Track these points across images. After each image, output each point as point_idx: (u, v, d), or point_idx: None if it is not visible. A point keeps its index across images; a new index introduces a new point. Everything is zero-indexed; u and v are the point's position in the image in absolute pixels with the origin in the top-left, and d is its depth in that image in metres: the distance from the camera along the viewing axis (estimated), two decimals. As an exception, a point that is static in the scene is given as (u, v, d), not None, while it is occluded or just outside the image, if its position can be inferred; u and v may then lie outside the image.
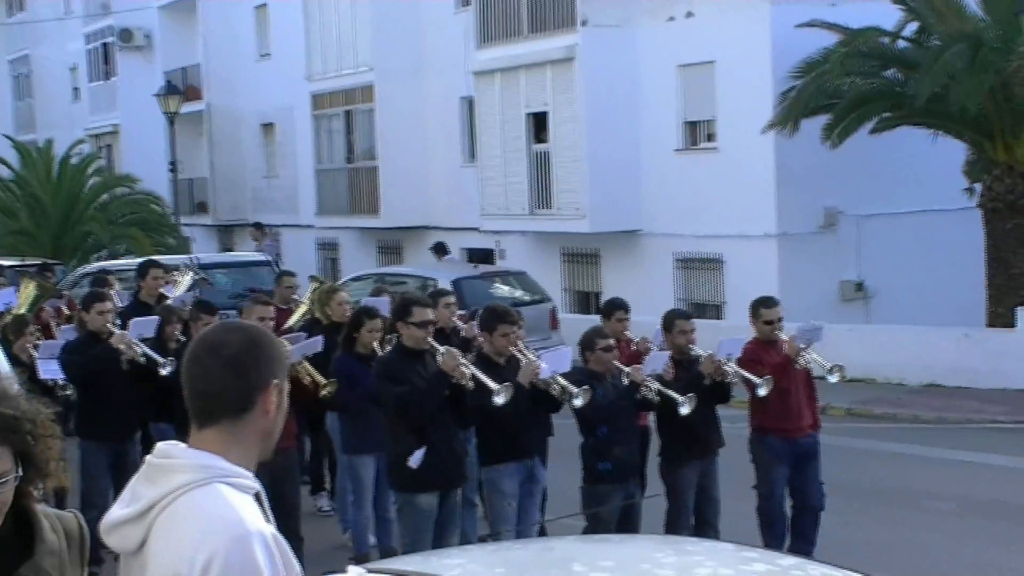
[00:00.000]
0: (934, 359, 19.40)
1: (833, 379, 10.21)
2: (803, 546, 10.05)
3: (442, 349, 8.80)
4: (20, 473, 3.12)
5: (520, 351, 9.21)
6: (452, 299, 11.56)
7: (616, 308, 10.94)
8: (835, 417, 17.20)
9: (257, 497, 3.01)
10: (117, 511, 3.05)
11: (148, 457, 3.07)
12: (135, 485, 3.06)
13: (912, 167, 21.91)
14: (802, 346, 10.02)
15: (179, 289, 14.70)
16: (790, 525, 10.20)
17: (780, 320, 10.24)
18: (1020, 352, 18.61)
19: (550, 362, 9.13)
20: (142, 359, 10.28)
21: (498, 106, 26.35)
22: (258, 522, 2.94)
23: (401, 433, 8.74)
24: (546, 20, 25.30)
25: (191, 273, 16.77)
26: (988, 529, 11.59)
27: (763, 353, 10.05)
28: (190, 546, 2.87)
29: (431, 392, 8.59)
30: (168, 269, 14.88)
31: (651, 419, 10.15)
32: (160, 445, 3.09)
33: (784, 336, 10.20)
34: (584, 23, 24.37)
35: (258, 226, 32.07)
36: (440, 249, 25.12)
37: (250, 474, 3.04)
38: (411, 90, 29.65)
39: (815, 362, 10.12)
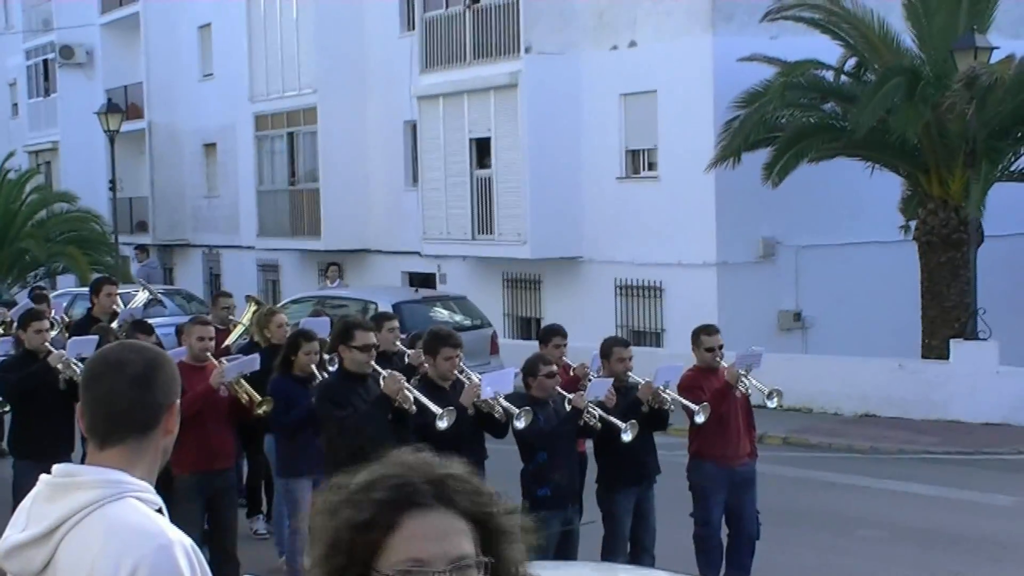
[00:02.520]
0: (869, 389, 19.62)
1: (771, 404, 10.29)
2: (738, 574, 10.13)
3: (384, 373, 8.81)
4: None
5: (462, 373, 9.24)
6: (395, 323, 11.57)
7: (553, 334, 10.97)
8: (772, 445, 17.34)
9: (159, 512, 3.03)
10: (15, 535, 3.02)
11: (46, 478, 3.06)
12: (32, 507, 3.03)
13: (850, 200, 22.19)
14: (741, 372, 10.10)
15: (133, 304, 14.64)
16: (726, 553, 10.26)
17: (721, 348, 10.33)
18: (953, 383, 18.88)
19: (492, 382, 9.15)
20: (79, 378, 10.19)
21: (441, 131, 26.41)
22: (178, 533, 2.97)
23: (340, 456, 8.71)
24: (490, 46, 25.41)
25: (147, 292, 16.71)
26: (918, 557, 11.74)
27: (703, 380, 10.12)
28: (113, 558, 2.88)
29: (373, 416, 8.59)
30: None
31: (587, 445, 10.19)
32: (59, 466, 3.07)
33: (724, 364, 10.29)
34: (528, 50, 24.50)
35: (141, 248, 31.59)
36: (333, 267, 25.04)
37: (153, 489, 3.06)
38: (354, 113, 29.66)
39: (754, 388, 10.21)
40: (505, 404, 9.04)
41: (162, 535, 2.94)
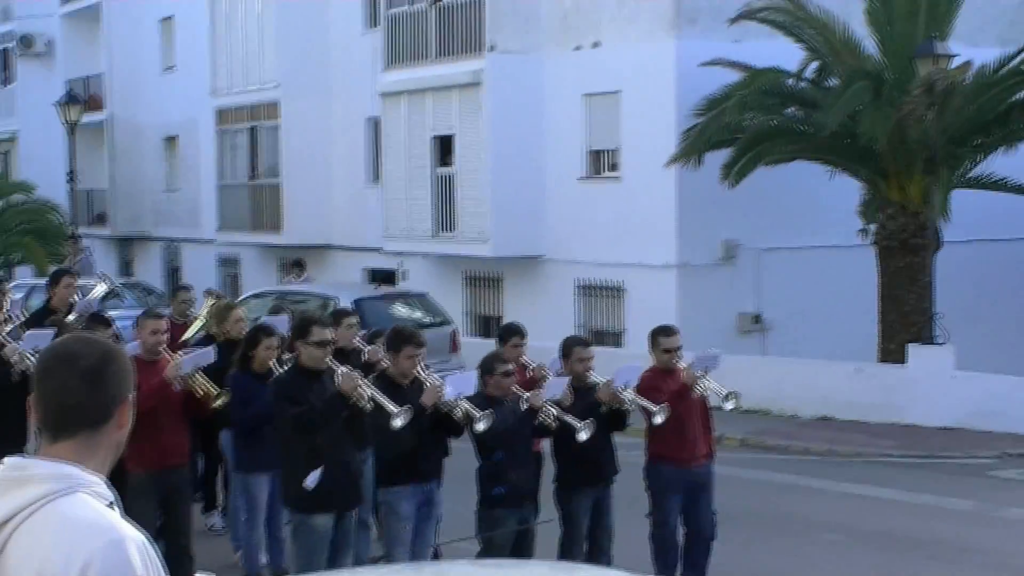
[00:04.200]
0: (827, 392, 19.72)
1: (728, 406, 10.28)
2: (694, 574, 10.14)
3: (341, 370, 8.75)
4: None
5: (422, 373, 9.20)
6: (355, 320, 11.50)
7: (512, 334, 10.89)
8: (729, 447, 17.38)
9: (111, 507, 3.00)
10: None
11: None
12: None
13: (810, 203, 22.28)
14: (699, 373, 10.10)
15: (91, 295, 14.48)
16: (682, 553, 10.27)
17: (679, 349, 10.32)
18: (910, 388, 18.99)
19: (455, 385, 9.11)
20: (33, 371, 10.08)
21: (404, 128, 26.35)
22: (131, 528, 2.94)
23: (296, 453, 8.67)
24: (454, 44, 25.37)
25: (106, 283, 16.53)
26: (874, 560, 11.79)
27: (661, 381, 10.11)
28: (64, 553, 2.84)
29: (328, 413, 8.54)
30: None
31: (544, 445, 10.18)
32: (9, 459, 3.03)
33: (682, 365, 10.29)
34: (492, 48, 24.48)
35: (73, 237, 31.00)
36: (298, 265, 24.93)
37: (105, 484, 3.03)
38: (317, 108, 29.55)
39: (711, 390, 10.21)
40: (467, 406, 9.00)
41: (114, 530, 2.90)
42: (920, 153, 19.41)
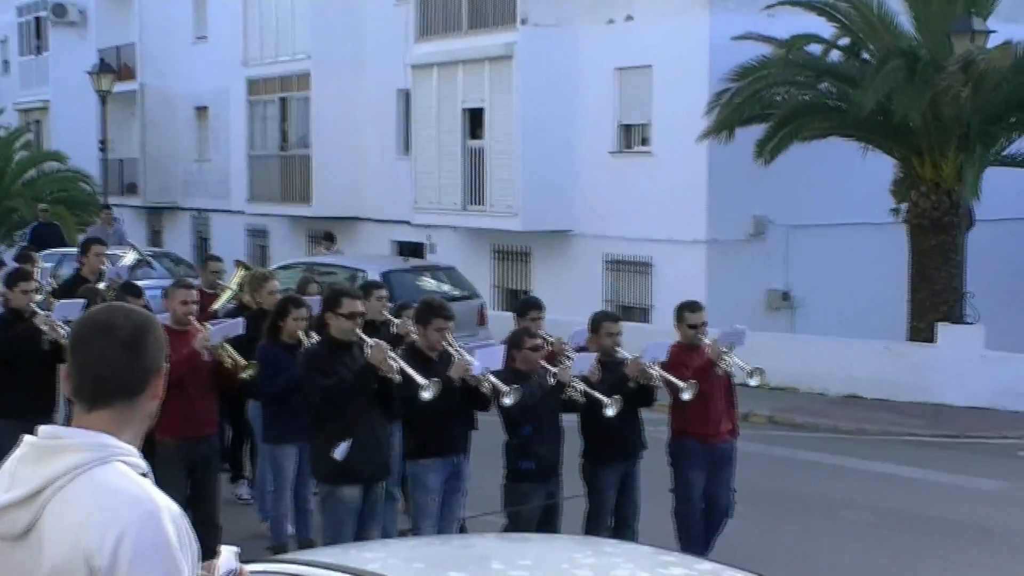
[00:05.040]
0: (856, 371, 19.64)
1: (753, 382, 10.27)
2: (702, 547, 10.11)
3: (371, 342, 8.76)
4: None
5: (452, 346, 9.21)
6: (384, 292, 11.50)
7: (531, 307, 10.79)
8: (757, 424, 17.38)
9: (145, 477, 3.00)
10: None
11: (31, 439, 3.03)
12: (16, 468, 3.00)
13: (842, 181, 22.16)
14: (724, 349, 10.10)
15: (120, 263, 14.56)
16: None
17: (704, 325, 10.31)
18: (939, 367, 18.89)
19: (482, 359, 9.12)
20: (64, 340, 10.14)
21: (434, 100, 26.31)
22: (165, 499, 2.95)
23: (325, 425, 8.69)
24: (486, 16, 25.30)
25: (135, 252, 16.61)
26: (901, 540, 11.75)
27: (685, 356, 10.11)
28: (99, 523, 2.85)
29: (358, 385, 8.55)
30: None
31: (562, 419, 10.15)
32: (45, 427, 3.04)
33: (707, 341, 10.28)
34: (524, 21, 24.39)
35: (107, 207, 31.00)
36: (328, 237, 24.94)
37: (139, 454, 3.04)
38: (348, 80, 29.52)
39: (736, 366, 10.20)
40: (495, 381, 9.00)
41: (149, 500, 2.91)
42: (954, 131, 19.26)
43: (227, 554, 3.14)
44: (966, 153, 19.05)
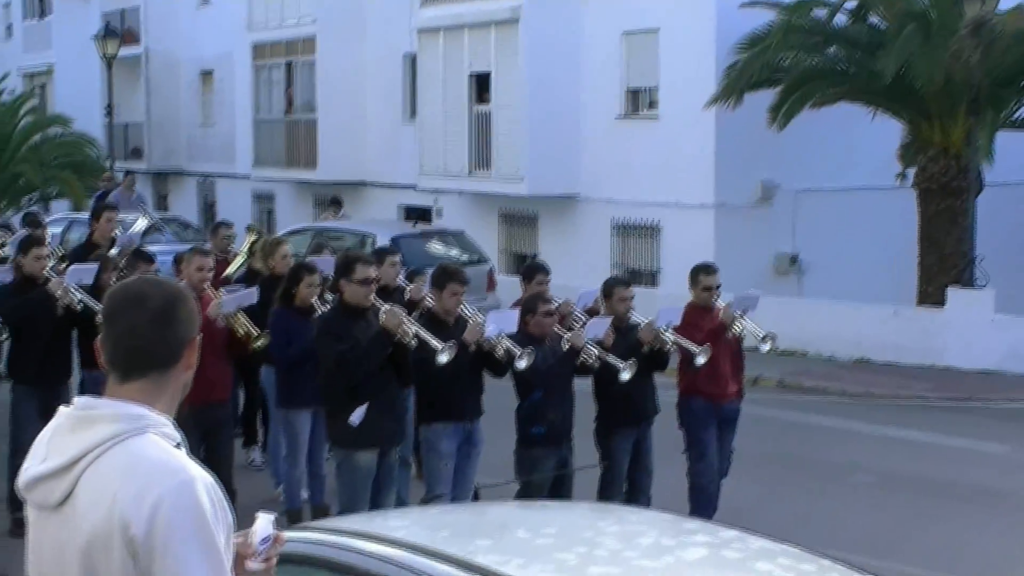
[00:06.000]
0: (864, 335, 19.65)
1: (764, 348, 10.29)
2: (706, 511, 10.13)
3: (385, 307, 8.78)
4: None
5: (467, 311, 9.25)
6: (397, 258, 11.52)
7: (536, 271, 10.81)
8: (766, 388, 17.44)
9: (178, 447, 3.03)
10: (36, 467, 3.03)
11: (66, 410, 3.07)
12: (53, 438, 3.05)
13: (850, 145, 22.12)
14: (737, 313, 10.14)
15: (132, 230, 14.57)
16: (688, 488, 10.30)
17: (718, 287, 10.36)
18: (948, 331, 18.91)
19: (496, 322, 9.15)
20: (79, 306, 10.17)
21: (440, 65, 26.23)
22: (198, 468, 2.98)
23: (340, 390, 8.71)
24: (492, -20, 25.18)
25: (147, 218, 16.60)
26: (908, 503, 11.81)
27: (699, 318, 10.15)
28: (135, 492, 2.89)
29: (373, 350, 8.58)
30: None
31: (575, 384, 10.18)
32: (80, 398, 3.09)
33: (720, 304, 10.31)
34: (531, -15, 24.29)
35: (128, 174, 30.89)
36: (335, 203, 24.91)
37: (172, 425, 3.07)
38: (353, 44, 29.43)
39: (748, 330, 10.23)
40: (508, 344, 9.03)
41: (183, 471, 2.95)
42: (964, 95, 19.20)
43: (263, 521, 3.17)
44: (976, 117, 19.00)
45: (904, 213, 20.75)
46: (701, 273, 10.40)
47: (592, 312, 10.46)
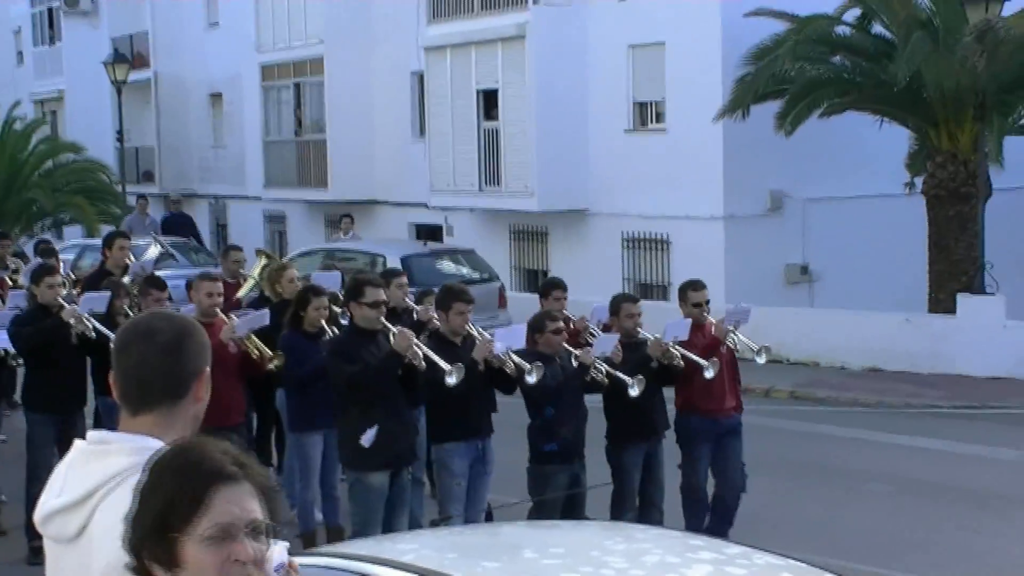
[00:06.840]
0: (876, 343, 19.64)
1: (760, 360, 10.37)
2: (722, 526, 10.20)
3: (395, 329, 8.86)
4: None
5: (473, 329, 9.31)
6: (404, 279, 11.59)
7: (553, 287, 10.93)
8: (779, 399, 17.46)
9: None
10: (52, 501, 3.08)
11: (80, 444, 3.12)
12: (68, 472, 3.10)
13: (857, 152, 22.13)
14: (730, 328, 10.21)
15: (144, 257, 14.66)
16: (712, 503, 10.34)
17: (707, 303, 10.43)
18: (960, 338, 18.89)
19: (503, 338, 9.21)
20: (92, 334, 10.25)
21: (448, 82, 26.33)
22: None
23: (352, 412, 8.79)
24: (498, -3, 25.31)
25: (159, 246, 16.70)
26: (923, 511, 11.82)
27: (692, 335, 10.18)
28: None
29: (384, 372, 8.65)
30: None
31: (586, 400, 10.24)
32: (93, 432, 3.14)
33: (712, 319, 10.37)
34: (536, 1, 24.38)
35: (143, 198, 31.09)
36: (346, 216, 24.98)
37: None
38: (361, 63, 29.55)
39: (743, 344, 10.29)
40: (516, 359, 9.10)
41: None
42: (971, 100, 19.21)
43: (277, 548, 3.22)
44: (983, 123, 19.02)
45: (913, 220, 20.75)
46: (690, 290, 10.49)
47: (607, 328, 10.54)
